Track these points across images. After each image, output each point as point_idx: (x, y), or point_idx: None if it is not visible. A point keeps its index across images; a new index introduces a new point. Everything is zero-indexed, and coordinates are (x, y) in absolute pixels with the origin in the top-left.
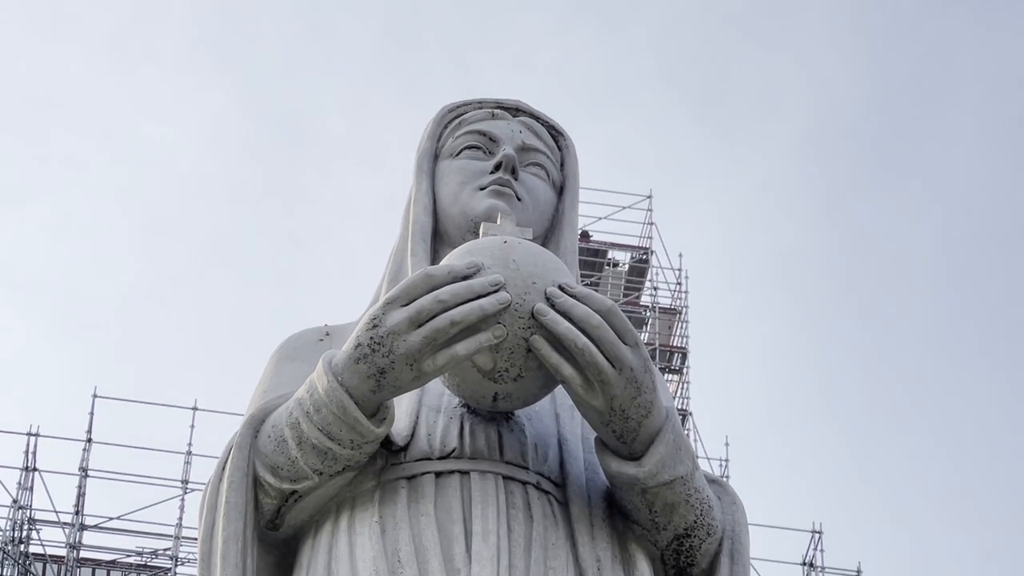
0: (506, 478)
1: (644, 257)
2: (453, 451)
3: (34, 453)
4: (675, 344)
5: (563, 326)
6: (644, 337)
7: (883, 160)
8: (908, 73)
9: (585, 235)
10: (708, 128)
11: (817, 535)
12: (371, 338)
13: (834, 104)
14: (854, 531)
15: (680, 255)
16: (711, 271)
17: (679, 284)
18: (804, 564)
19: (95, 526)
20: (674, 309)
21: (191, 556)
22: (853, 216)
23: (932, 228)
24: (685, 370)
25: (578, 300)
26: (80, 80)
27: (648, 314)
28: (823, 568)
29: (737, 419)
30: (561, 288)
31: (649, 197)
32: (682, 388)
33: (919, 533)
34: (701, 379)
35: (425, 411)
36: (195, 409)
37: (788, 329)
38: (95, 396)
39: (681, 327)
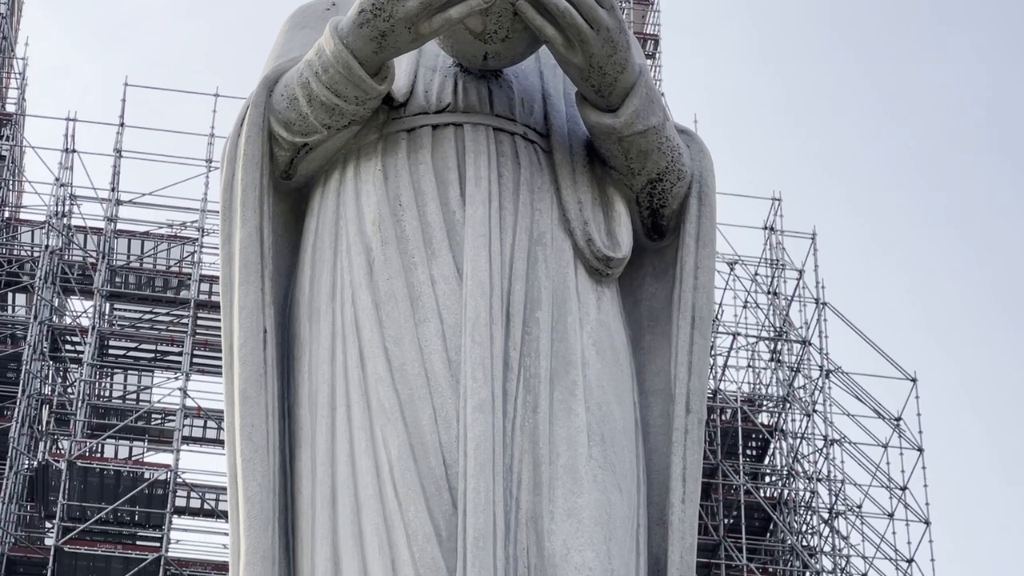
0: (496, 129)
1: None
2: (448, 105)
3: (73, 136)
4: (648, 32)
5: None
6: None
7: None
8: None
9: None
10: None
11: (777, 202)
12: (373, 4)
13: None
14: (812, 198)
15: None
16: None
17: None
18: (765, 228)
19: (130, 201)
20: None
21: (215, 228)
22: None
23: None
24: (657, 55)
25: None
26: None
27: (622, 3)
28: (782, 231)
29: (704, 101)
30: None
31: None
32: (654, 72)
33: (871, 201)
34: (672, 65)
35: (422, 71)
36: (217, 95)
37: (753, 21)
38: (126, 84)
39: (653, 16)
